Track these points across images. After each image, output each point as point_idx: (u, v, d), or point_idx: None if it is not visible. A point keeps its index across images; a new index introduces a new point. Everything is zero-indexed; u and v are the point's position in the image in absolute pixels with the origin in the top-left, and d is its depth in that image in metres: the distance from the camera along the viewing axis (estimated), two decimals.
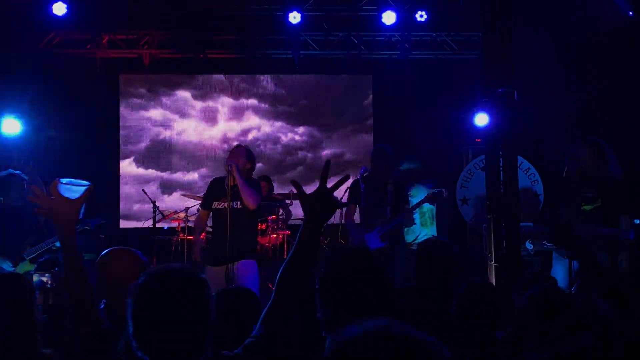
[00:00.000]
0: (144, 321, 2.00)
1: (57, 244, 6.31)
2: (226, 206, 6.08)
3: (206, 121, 10.94)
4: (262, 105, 11.01)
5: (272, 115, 11.01)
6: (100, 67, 10.12)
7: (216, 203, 6.25)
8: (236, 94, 11.01)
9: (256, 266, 6.26)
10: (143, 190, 9.82)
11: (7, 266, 6.23)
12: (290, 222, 9.50)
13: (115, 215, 10.45)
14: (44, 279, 3.68)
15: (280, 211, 9.24)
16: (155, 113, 10.87)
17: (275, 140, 10.99)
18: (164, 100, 10.91)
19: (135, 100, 10.86)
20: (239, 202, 6.10)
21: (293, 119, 11.05)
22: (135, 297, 2.02)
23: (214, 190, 6.34)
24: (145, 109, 10.85)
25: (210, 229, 6.74)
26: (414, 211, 7.16)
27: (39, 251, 6.38)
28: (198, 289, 2.07)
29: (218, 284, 5.07)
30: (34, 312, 2.65)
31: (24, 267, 6.25)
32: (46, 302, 3.68)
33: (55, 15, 9.26)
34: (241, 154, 6.25)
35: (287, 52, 10.33)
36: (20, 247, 6.37)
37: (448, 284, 3.73)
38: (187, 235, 8.74)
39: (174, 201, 10.30)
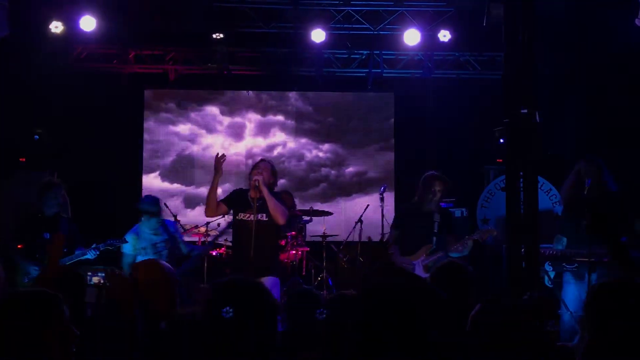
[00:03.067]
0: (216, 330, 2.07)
1: (88, 255, 6.45)
2: (252, 218, 6.05)
3: (233, 137, 11.04)
4: (289, 121, 11.09)
5: (298, 131, 11.08)
6: (126, 82, 10.27)
7: (242, 215, 6.19)
8: (264, 110, 11.10)
9: (279, 284, 6.22)
10: (165, 204, 9.88)
11: (34, 270, 6.37)
12: (309, 239, 9.51)
13: None
14: (97, 278, 3.82)
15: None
16: (183, 128, 11.00)
17: (300, 157, 11.04)
18: (193, 115, 11.04)
19: (164, 115, 11.00)
20: (265, 215, 6.08)
21: (318, 136, 11.10)
22: (207, 307, 2.10)
23: (239, 201, 6.27)
24: (174, 123, 10.99)
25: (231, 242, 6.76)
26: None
27: (69, 262, 6.48)
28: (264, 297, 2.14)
29: None
30: (64, 328, 2.62)
31: None
32: (99, 300, 3.81)
33: (83, 30, 9.40)
34: (266, 169, 6.27)
35: (311, 69, 10.40)
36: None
37: (464, 306, 3.70)
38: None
39: (196, 216, 10.35)
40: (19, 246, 6.53)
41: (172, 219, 9.31)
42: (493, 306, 3.14)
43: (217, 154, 6.32)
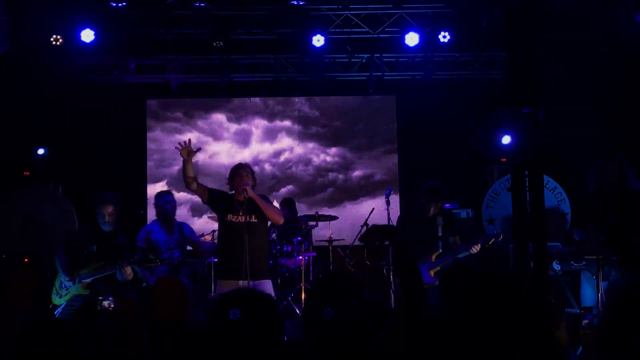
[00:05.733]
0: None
1: (118, 276, 6.41)
2: (242, 220, 6.04)
3: (239, 143, 11.04)
4: (295, 127, 11.08)
5: (305, 136, 11.07)
6: (128, 93, 10.28)
7: (230, 216, 6.14)
8: (270, 116, 11.11)
9: (271, 286, 6.25)
10: None
11: (66, 281, 6.43)
12: (315, 244, 9.49)
13: None
14: (107, 302, 3.84)
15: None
16: (190, 136, 10.93)
17: (307, 162, 11.03)
18: (200, 123, 11.04)
19: (170, 124, 11.00)
20: (254, 216, 6.08)
21: (325, 140, 11.09)
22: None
23: (226, 204, 6.19)
24: (180, 132, 10.95)
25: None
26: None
27: (95, 276, 6.48)
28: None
29: None
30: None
31: (77, 289, 6.41)
32: (111, 325, 3.83)
33: (83, 42, 9.43)
34: (249, 174, 6.20)
35: (312, 74, 10.40)
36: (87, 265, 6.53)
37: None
38: (213, 258, 8.78)
39: (203, 224, 10.33)
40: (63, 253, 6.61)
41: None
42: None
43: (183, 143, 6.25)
